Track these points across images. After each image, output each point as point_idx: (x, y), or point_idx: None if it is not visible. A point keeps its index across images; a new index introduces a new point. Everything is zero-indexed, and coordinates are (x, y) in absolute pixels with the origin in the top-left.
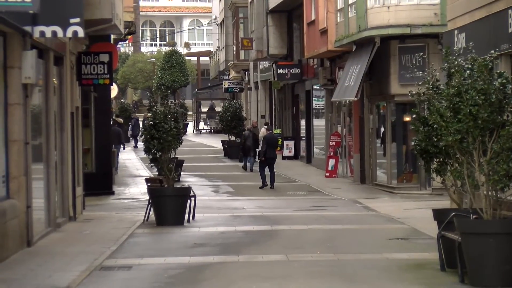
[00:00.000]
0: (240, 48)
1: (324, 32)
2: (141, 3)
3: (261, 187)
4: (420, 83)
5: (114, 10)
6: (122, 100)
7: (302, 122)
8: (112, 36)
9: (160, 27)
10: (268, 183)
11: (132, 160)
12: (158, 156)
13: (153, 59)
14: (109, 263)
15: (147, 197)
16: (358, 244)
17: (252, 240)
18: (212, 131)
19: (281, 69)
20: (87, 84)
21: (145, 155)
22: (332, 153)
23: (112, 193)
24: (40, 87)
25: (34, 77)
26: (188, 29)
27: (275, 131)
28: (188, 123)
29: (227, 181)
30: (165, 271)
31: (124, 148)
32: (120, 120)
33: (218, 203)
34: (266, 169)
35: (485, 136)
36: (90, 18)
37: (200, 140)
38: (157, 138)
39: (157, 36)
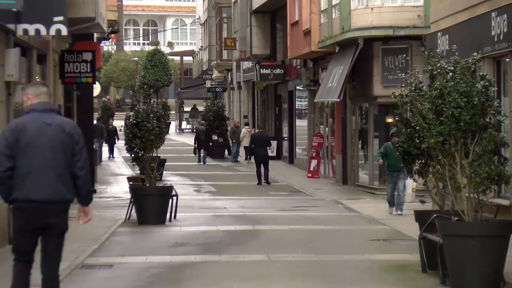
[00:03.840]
0: (223, 48)
1: (307, 33)
2: (125, 2)
3: (258, 184)
4: (403, 85)
5: (97, 9)
6: (105, 98)
7: (285, 123)
8: (95, 35)
9: (143, 26)
10: (263, 180)
11: (114, 158)
12: (140, 155)
13: (136, 58)
14: (90, 261)
15: (129, 195)
16: (340, 245)
17: (233, 240)
18: (194, 130)
19: (264, 70)
20: (70, 83)
21: (127, 153)
22: (314, 154)
23: (94, 191)
24: (23, 85)
25: (17, 75)
26: (172, 29)
27: (256, 131)
28: (170, 122)
29: (209, 180)
30: (147, 270)
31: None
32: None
33: (200, 203)
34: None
35: (467, 139)
36: (74, 17)
37: (182, 139)
38: (139, 137)
39: (140, 35)
